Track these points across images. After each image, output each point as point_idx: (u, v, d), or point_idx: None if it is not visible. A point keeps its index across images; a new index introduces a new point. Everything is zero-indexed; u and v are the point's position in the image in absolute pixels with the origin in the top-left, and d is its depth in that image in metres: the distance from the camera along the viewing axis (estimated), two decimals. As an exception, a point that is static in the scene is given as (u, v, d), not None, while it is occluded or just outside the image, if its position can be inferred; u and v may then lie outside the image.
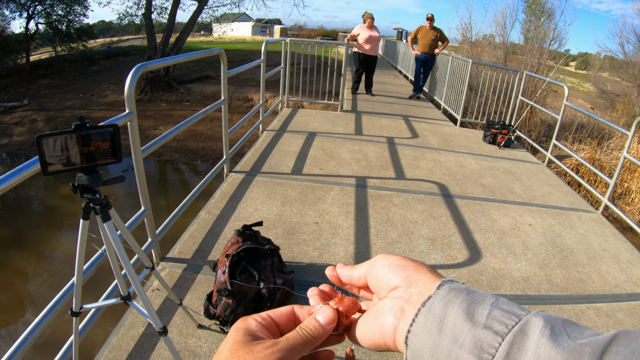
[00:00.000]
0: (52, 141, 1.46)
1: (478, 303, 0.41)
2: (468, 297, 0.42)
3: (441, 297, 0.43)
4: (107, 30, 51.45)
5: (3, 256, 7.49)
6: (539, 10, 12.04)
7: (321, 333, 0.48)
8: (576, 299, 3.07)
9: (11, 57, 22.64)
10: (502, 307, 0.40)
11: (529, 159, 6.39)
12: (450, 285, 0.45)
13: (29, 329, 1.94)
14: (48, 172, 1.48)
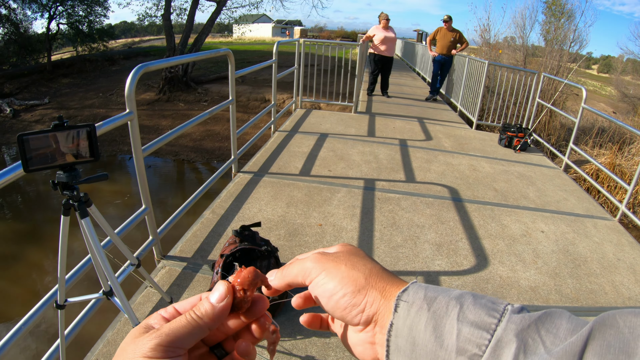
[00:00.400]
0: (33, 140, 1.52)
1: (443, 318, 0.39)
2: (431, 314, 0.40)
3: (403, 320, 0.41)
4: (129, 31, 52.05)
5: (19, 250, 7.60)
6: (559, 11, 11.82)
7: (210, 313, 0.43)
8: (586, 311, 2.94)
9: (33, 57, 23.05)
10: (469, 318, 0.38)
11: (545, 163, 6.23)
12: (407, 302, 0.42)
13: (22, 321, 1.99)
14: (29, 170, 1.54)
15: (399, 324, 0.41)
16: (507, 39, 13.82)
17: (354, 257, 0.49)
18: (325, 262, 0.48)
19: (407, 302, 0.42)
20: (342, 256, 0.49)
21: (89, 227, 1.72)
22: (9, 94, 17.27)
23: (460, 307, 0.39)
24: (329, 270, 0.47)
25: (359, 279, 0.46)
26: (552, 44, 11.62)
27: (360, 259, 0.49)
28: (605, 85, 25.73)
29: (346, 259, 0.48)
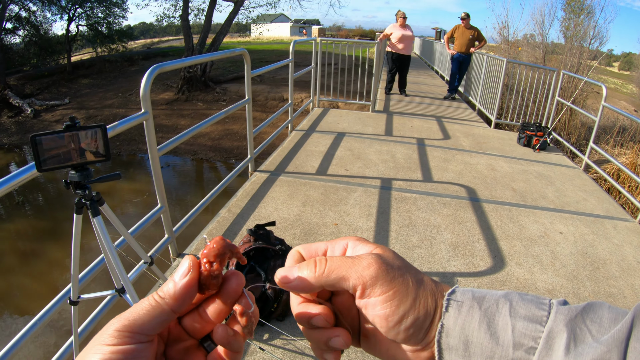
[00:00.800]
0: (45, 140, 1.54)
1: (495, 315, 0.39)
2: (482, 312, 0.40)
3: (454, 320, 0.40)
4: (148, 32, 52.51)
5: (39, 246, 7.73)
6: (578, 7, 11.65)
7: (172, 292, 0.39)
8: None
9: (53, 58, 23.50)
10: (520, 312, 0.39)
11: (565, 162, 6.15)
12: (457, 301, 0.41)
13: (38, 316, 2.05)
14: (42, 170, 1.57)
15: (450, 323, 0.40)
16: (526, 36, 13.66)
17: (411, 269, 0.44)
18: (395, 277, 0.42)
19: (457, 301, 0.41)
20: (403, 267, 0.43)
21: (101, 225, 1.75)
22: (30, 95, 17.59)
23: (510, 303, 0.40)
24: (399, 289, 0.41)
25: (428, 300, 0.42)
26: (571, 41, 11.46)
27: (415, 270, 0.44)
28: (627, 83, 25.33)
29: (408, 271, 0.43)
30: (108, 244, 1.75)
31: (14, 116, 15.77)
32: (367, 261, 0.42)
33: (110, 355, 0.35)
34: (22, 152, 13.78)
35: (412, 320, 0.40)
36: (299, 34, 60.86)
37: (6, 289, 6.59)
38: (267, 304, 2.42)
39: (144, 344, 0.37)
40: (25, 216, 9.36)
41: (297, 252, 0.48)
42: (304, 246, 0.48)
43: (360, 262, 0.42)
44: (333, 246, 0.48)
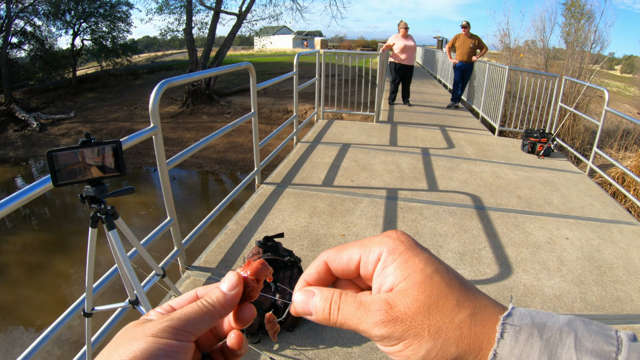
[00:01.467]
0: (61, 156, 1.58)
1: (558, 347, 0.34)
2: (544, 342, 0.34)
3: (510, 349, 0.35)
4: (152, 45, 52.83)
5: (46, 259, 7.78)
6: (578, 12, 11.69)
7: (222, 301, 0.44)
8: (612, 319, 2.91)
9: (59, 72, 23.73)
10: (587, 346, 0.34)
11: (570, 168, 6.18)
12: (514, 327, 0.36)
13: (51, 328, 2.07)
14: (58, 184, 1.60)
15: (505, 353, 0.34)
16: (527, 43, 13.70)
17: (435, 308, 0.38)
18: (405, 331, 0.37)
19: (514, 326, 0.36)
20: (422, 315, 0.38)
21: (116, 238, 1.79)
22: (36, 109, 17.75)
23: (575, 334, 0.35)
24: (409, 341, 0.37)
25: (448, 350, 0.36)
26: (573, 46, 11.49)
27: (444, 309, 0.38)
28: (629, 86, 25.30)
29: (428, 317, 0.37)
30: (123, 257, 1.79)
31: (20, 130, 15.92)
32: (376, 318, 0.39)
33: (155, 345, 0.38)
34: (28, 166, 13.90)
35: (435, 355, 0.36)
36: (301, 46, 61.13)
37: (13, 301, 6.64)
38: (276, 315, 2.45)
39: (185, 343, 0.40)
40: (32, 229, 9.43)
41: (324, 263, 0.46)
42: (333, 254, 0.46)
43: (370, 314, 0.39)
44: (367, 257, 0.43)
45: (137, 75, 23.56)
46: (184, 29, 18.06)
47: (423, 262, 0.40)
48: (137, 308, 2.02)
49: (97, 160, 1.65)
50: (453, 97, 10.87)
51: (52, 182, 1.59)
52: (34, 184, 1.86)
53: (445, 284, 0.39)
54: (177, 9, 19.42)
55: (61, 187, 1.62)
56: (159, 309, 0.45)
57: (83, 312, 2.01)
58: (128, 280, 1.91)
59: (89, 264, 1.82)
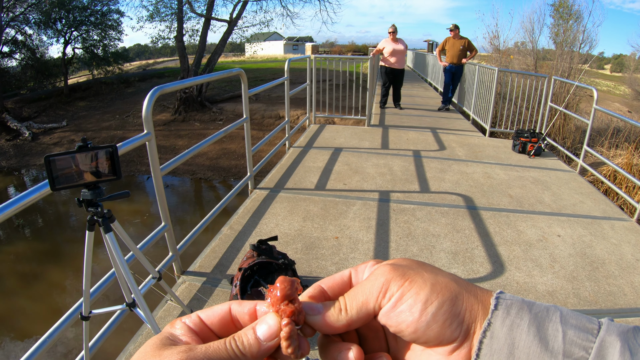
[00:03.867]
0: (59, 161, 1.61)
1: (545, 321, 0.37)
2: (533, 315, 0.37)
3: (502, 320, 0.38)
4: (143, 53, 52.74)
5: (39, 269, 7.76)
6: (567, 13, 11.79)
7: (255, 350, 0.39)
8: (605, 313, 2.94)
9: (50, 81, 23.69)
10: (571, 322, 0.37)
11: (560, 167, 6.22)
12: (506, 301, 0.39)
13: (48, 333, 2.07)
14: (56, 189, 1.63)
15: (497, 323, 0.37)
16: (517, 44, 13.80)
17: (426, 265, 0.43)
18: (405, 271, 0.41)
19: (507, 300, 0.39)
20: (416, 265, 0.42)
21: (113, 241, 1.81)
22: (28, 118, 17.73)
23: (560, 312, 0.38)
24: (414, 279, 0.40)
25: (450, 284, 0.40)
26: (562, 46, 11.58)
27: (434, 267, 0.43)
28: (619, 85, 25.48)
29: (422, 267, 0.42)
30: (120, 259, 1.80)
31: (11, 139, 15.87)
32: (377, 273, 0.42)
33: None
34: (21, 175, 13.84)
35: (438, 305, 0.38)
36: (293, 52, 61.23)
37: (7, 311, 6.61)
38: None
39: None
40: (25, 239, 9.40)
41: (318, 285, 0.46)
42: (325, 278, 0.46)
43: (372, 279, 0.42)
44: (356, 270, 0.46)
45: (128, 83, 23.56)
46: (175, 37, 18.08)
47: None
48: (134, 310, 2.03)
49: (94, 165, 1.68)
50: (444, 100, 10.92)
51: (49, 186, 1.61)
52: (32, 189, 1.88)
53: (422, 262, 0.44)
54: (168, 16, 19.41)
55: (59, 191, 1.64)
56: (187, 319, 0.42)
57: (81, 315, 2.02)
58: (125, 283, 1.92)
59: (86, 267, 1.84)
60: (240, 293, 2.47)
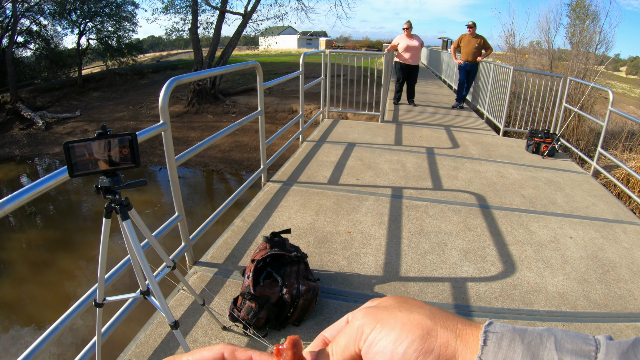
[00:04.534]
0: (78, 147, 1.60)
1: (539, 349, 0.36)
2: (525, 346, 0.36)
3: (494, 355, 0.36)
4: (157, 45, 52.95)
5: (51, 257, 7.83)
6: (584, 14, 11.67)
7: None
8: (615, 317, 2.94)
9: (64, 71, 23.94)
10: (567, 347, 0.35)
11: (574, 168, 6.19)
12: (496, 334, 0.38)
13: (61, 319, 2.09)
14: (75, 175, 1.63)
15: (489, 359, 0.36)
16: (532, 44, 13.69)
17: (406, 303, 0.44)
18: (377, 313, 0.42)
19: (496, 333, 0.38)
20: (394, 304, 0.44)
21: (130, 229, 1.80)
22: (41, 107, 17.86)
23: (554, 337, 0.36)
24: (385, 320, 0.41)
25: (422, 321, 0.40)
26: (577, 47, 11.48)
27: (415, 303, 0.44)
28: (635, 87, 25.23)
29: (399, 306, 0.43)
30: (137, 247, 1.81)
31: (25, 128, 16.02)
32: (354, 319, 0.44)
33: None
34: (34, 164, 13.97)
35: (408, 343, 0.39)
36: (307, 46, 61.17)
37: (17, 298, 6.69)
38: (283, 309, 2.49)
39: None
40: (37, 227, 9.49)
41: (322, 338, 0.48)
42: (329, 329, 0.48)
43: (350, 324, 0.43)
44: (354, 314, 0.46)
45: (142, 74, 23.70)
46: (189, 29, 18.13)
47: None
48: (148, 299, 2.05)
49: (113, 152, 1.67)
50: (458, 98, 10.89)
51: (68, 173, 1.61)
52: (51, 175, 1.90)
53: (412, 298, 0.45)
54: (183, 8, 19.48)
55: (77, 177, 1.64)
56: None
57: (94, 302, 2.03)
58: (140, 271, 1.94)
59: (102, 254, 1.85)
60: (252, 284, 2.50)
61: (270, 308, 2.44)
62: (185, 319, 2.61)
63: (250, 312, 2.43)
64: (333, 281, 3.07)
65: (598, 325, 2.83)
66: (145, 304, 2.23)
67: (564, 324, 2.80)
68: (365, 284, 3.07)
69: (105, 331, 2.34)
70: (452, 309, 2.84)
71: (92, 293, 2.19)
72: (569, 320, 2.84)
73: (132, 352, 2.37)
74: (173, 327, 1.95)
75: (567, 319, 2.86)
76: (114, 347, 3.80)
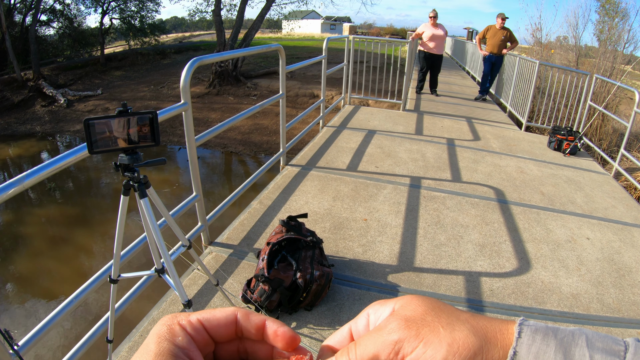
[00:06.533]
0: (98, 124, 1.61)
1: (571, 345, 0.36)
2: (559, 341, 0.36)
3: (528, 347, 0.36)
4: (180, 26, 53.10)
5: (68, 233, 7.95)
6: (613, 11, 11.42)
7: None
8: (627, 322, 2.90)
9: (87, 50, 24.24)
10: (597, 345, 0.36)
11: (595, 168, 6.11)
12: (530, 326, 0.38)
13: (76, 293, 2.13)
14: (94, 152, 1.63)
15: (523, 351, 0.36)
16: (559, 39, 13.46)
17: (443, 313, 0.41)
18: (419, 329, 0.39)
19: (531, 327, 0.38)
20: (429, 313, 0.41)
21: (147, 207, 1.81)
22: (64, 85, 18.04)
23: (585, 336, 0.36)
24: (429, 340, 0.38)
25: (468, 341, 0.38)
26: (605, 44, 11.24)
27: (451, 313, 0.41)
28: (663, 89, 24.74)
29: (437, 317, 0.40)
30: (153, 225, 1.82)
31: (47, 105, 16.20)
32: (390, 328, 0.40)
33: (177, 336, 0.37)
34: (55, 141, 14.13)
35: None
36: (330, 31, 60.89)
37: (33, 271, 6.81)
38: (296, 293, 2.50)
39: None
40: (56, 202, 9.62)
41: (326, 344, 0.45)
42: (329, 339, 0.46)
43: (384, 333, 0.40)
44: (356, 323, 0.45)
45: (164, 55, 23.80)
46: (212, 10, 18.12)
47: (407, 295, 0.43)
48: (162, 277, 2.07)
49: (133, 130, 1.67)
50: (481, 90, 10.79)
51: (87, 149, 1.62)
52: (70, 151, 1.92)
53: (435, 299, 0.42)
54: (207, -11, 19.50)
55: (97, 154, 1.65)
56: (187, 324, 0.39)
57: (110, 278, 2.06)
58: (156, 248, 1.95)
59: (119, 231, 1.86)
60: (267, 267, 2.51)
61: (283, 291, 2.46)
62: (198, 299, 2.64)
63: (263, 295, 2.45)
64: (347, 268, 3.08)
65: (610, 330, 2.78)
66: (158, 282, 2.25)
67: (575, 325, 2.78)
68: (379, 272, 3.08)
69: (118, 307, 2.37)
70: (464, 303, 2.84)
71: (107, 269, 2.23)
72: (580, 323, 2.82)
73: (144, 329, 2.42)
74: (186, 305, 1.97)
75: (579, 321, 2.83)
76: (127, 324, 3.87)
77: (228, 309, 0.41)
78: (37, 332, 1.89)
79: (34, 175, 1.72)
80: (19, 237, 7.93)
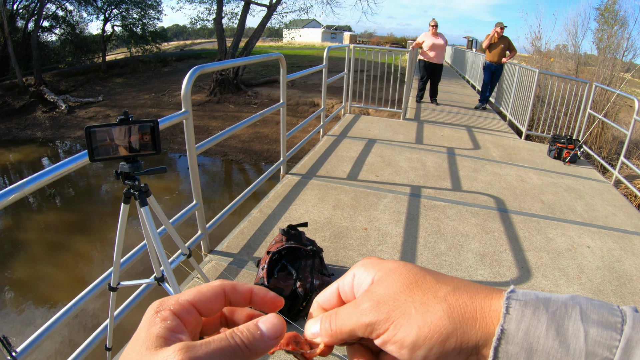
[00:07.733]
0: (99, 132, 1.62)
1: (564, 319, 0.34)
2: (550, 315, 0.34)
3: (517, 324, 0.34)
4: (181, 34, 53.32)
5: (68, 239, 7.93)
6: (612, 19, 11.44)
7: (260, 346, 0.37)
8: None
9: (88, 56, 24.37)
10: (592, 317, 0.34)
11: (595, 176, 6.11)
12: (519, 301, 0.36)
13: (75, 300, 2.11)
14: (95, 159, 1.64)
15: (512, 327, 0.34)
16: (558, 47, 13.48)
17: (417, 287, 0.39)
18: (389, 311, 0.38)
19: (519, 300, 0.36)
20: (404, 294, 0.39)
21: (148, 215, 1.82)
22: (65, 91, 18.11)
23: (579, 307, 0.35)
24: (399, 323, 0.37)
25: (440, 324, 0.36)
26: (604, 52, 11.26)
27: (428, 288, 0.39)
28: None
29: (410, 297, 0.39)
30: (154, 233, 1.82)
31: (48, 111, 16.25)
32: (362, 308, 0.39)
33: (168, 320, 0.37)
34: (55, 147, 14.15)
35: (426, 350, 0.36)
36: (331, 40, 61.12)
37: (32, 278, 6.79)
38: (296, 302, 2.50)
39: None
40: (55, 208, 9.62)
41: (316, 302, 0.47)
42: (319, 295, 0.47)
43: (357, 310, 0.40)
44: (343, 281, 0.45)
45: (165, 62, 23.90)
46: (214, 19, 18.20)
47: (393, 261, 0.42)
48: (162, 285, 2.07)
49: (134, 138, 1.68)
50: (481, 98, 10.82)
51: (88, 157, 1.63)
52: (71, 158, 1.92)
53: (418, 269, 0.41)
54: (208, -2, 19.60)
55: (97, 162, 1.65)
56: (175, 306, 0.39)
57: (109, 286, 2.05)
58: (156, 257, 1.95)
59: (119, 239, 1.86)
60: (267, 276, 2.51)
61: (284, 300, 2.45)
62: (198, 307, 2.62)
63: (263, 304, 2.44)
64: (347, 277, 3.07)
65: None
66: (158, 290, 2.25)
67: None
68: (379, 281, 3.06)
69: (117, 315, 2.37)
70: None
71: (106, 277, 2.22)
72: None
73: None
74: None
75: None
76: (125, 332, 3.85)
77: (214, 284, 0.42)
78: (36, 339, 1.88)
79: (34, 182, 1.72)
80: (18, 243, 7.92)
